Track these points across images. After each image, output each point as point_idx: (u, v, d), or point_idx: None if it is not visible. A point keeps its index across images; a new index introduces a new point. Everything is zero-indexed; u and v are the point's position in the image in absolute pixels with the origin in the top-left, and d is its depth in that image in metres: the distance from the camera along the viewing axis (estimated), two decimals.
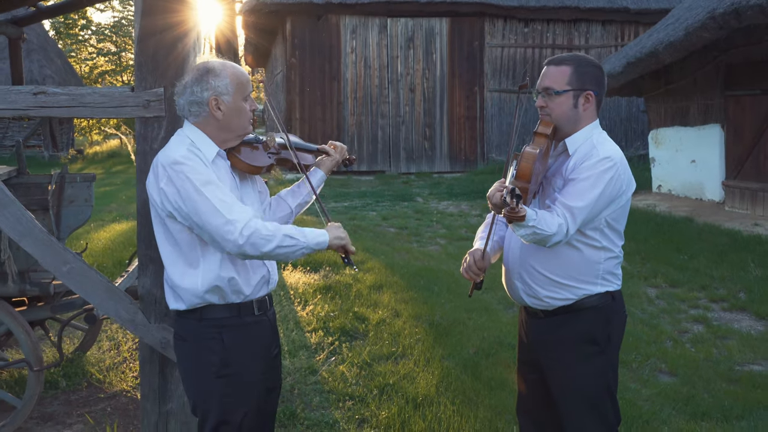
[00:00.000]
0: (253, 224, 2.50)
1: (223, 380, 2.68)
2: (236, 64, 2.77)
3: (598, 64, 2.91)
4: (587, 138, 2.83)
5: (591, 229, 2.79)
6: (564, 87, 2.80)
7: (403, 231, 11.38)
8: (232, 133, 2.73)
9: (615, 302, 2.89)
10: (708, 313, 6.65)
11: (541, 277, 2.85)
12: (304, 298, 6.98)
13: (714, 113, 12.29)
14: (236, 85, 2.68)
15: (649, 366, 5.27)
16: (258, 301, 2.78)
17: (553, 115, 2.83)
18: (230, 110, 2.68)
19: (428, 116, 19.27)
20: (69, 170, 5.37)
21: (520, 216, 2.44)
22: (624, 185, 2.77)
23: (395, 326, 6.08)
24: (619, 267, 2.92)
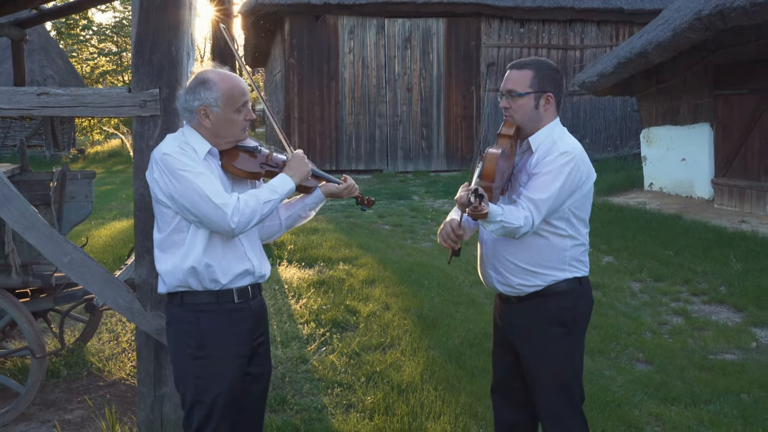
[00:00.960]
0: (239, 207, 2.71)
1: (199, 362, 2.87)
2: (233, 73, 2.93)
3: (557, 67, 3.16)
4: (548, 135, 3.06)
5: (556, 218, 3.02)
6: (526, 89, 3.04)
7: (398, 228, 11.60)
8: (223, 139, 2.91)
9: (582, 287, 3.13)
10: (688, 306, 6.87)
11: (513, 266, 3.08)
12: (298, 292, 7.19)
13: (703, 112, 12.51)
14: (227, 98, 2.84)
15: (627, 355, 5.49)
16: (239, 289, 2.94)
17: (516, 116, 3.07)
18: (219, 121, 2.86)
19: (425, 116, 19.49)
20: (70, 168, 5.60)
21: (483, 213, 2.67)
22: (583, 176, 3.01)
23: (385, 318, 6.30)
24: (585, 254, 3.16)
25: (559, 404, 3.11)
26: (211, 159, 2.89)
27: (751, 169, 11.47)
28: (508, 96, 3.07)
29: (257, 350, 3.06)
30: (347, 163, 19.23)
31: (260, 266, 3.01)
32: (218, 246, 2.86)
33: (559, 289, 3.07)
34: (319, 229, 10.66)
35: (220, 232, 2.77)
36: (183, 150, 2.81)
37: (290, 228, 3.23)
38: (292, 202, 3.19)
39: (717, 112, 12.19)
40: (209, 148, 2.88)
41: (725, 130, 12.06)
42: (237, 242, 2.91)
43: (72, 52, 38.93)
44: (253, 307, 3.00)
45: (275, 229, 3.20)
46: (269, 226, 3.17)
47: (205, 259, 2.83)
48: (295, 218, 3.18)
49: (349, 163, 19.24)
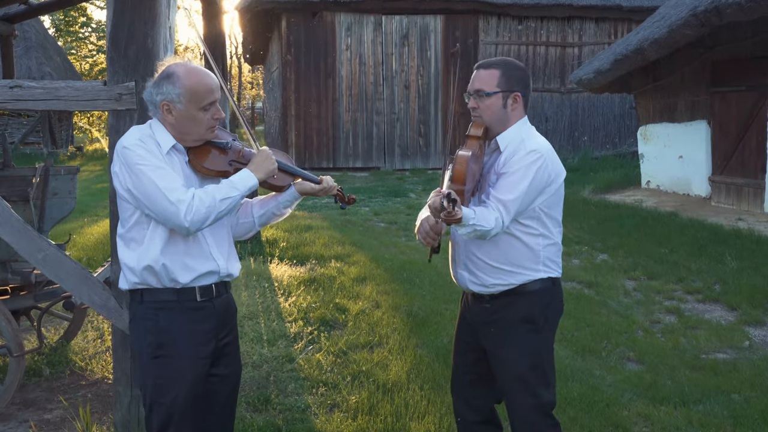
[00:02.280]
0: (194, 205, 2.61)
1: (158, 361, 2.78)
2: (204, 69, 2.81)
3: (524, 67, 3.12)
4: (517, 134, 3.02)
5: (527, 218, 2.97)
6: (494, 89, 2.99)
7: (393, 226, 11.52)
8: (188, 136, 2.80)
9: (555, 288, 3.08)
10: (682, 304, 6.79)
11: (486, 266, 3.02)
12: (288, 290, 7.12)
13: (700, 109, 12.42)
14: (190, 95, 2.72)
15: (617, 354, 5.41)
16: (202, 288, 2.84)
17: (484, 115, 3.02)
18: (182, 117, 2.76)
19: (423, 113, 19.41)
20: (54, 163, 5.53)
21: (457, 218, 2.60)
22: (552, 175, 2.95)
23: (374, 317, 6.22)
24: (559, 255, 3.10)
25: (527, 404, 3.05)
26: (175, 154, 2.80)
27: (749, 167, 11.38)
28: (476, 96, 3.02)
29: (223, 350, 2.96)
30: (344, 160, 19.15)
31: (227, 266, 2.91)
32: (179, 244, 2.76)
33: (532, 288, 3.02)
34: (313, 227, 10.58)
35: (175, 229, 2.68)
36: (144, 143, 2.72)
37: (265, 225, 3.13)
38: (266, 200, 3.09)
39: (714, 109, 12.11)
40: (174, 143, 2.79)
41: (722, 127, 11.97)
42: (201, 240, 2.82)
43: (71, 50, 38.89)
44: (217, 305, 2.90)
45: (248, 227, 3.10)
46: (242, 223, 3.08)
47: (163, 258, 2.74)
48: (269, 216, 3.08)
49: (346, 160, 19.17)
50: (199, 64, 2.85)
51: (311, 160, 19.02)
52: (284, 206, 3.08)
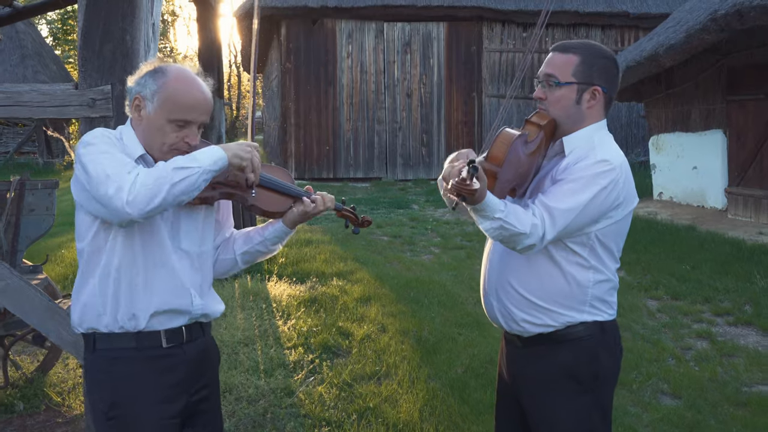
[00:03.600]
0: (138, 180, 2.07)
1: (111, 423, 2.26)
2: (202, 83, 2.33)
3: (613, 56, 2.54)
4: (587, 138, 2.48)
5: (578, 243, 2.43)
6: (568, 78, 2.44)
7: (397, 239, 11.04)
8: (150, 148, 2.31)
9: (605, 335, 2.50)
10: (712, 327, 6.30)
11: (518, 296, 2.50)
12: (287, 311, 6.64)
13: (716, 118, 11.95)
14: (164, 99, 2.25)
15: (651, 387, 4.91)
16: (169, 331, 2.33)
17: (552, 109, 2.48)
18: (148, 121, 2.29)
19: (425, 122, 18.95)
20: (31, 176, 5.06)
21: (471, 190, 2.07)
22: (621, 197, 2.40)
23: (380, 342, 5.74)
24: (613, 294, 2.55)
25: None
26: (144, 166, 2.31)
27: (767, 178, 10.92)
28: (545, 83, 2.48)
29: (198, 407, 2.42)
30: (345, 170, 18.68)
31: (202, 303, 2.39)
32: (139, 274, 2.26)
33: (574, 334, 2.46)
34: (314, 241, 10.10)
35: (114, 219, 2.11)
36: (110, 137, 2.25)
37: (249, 263, 2.61)
38: (251, 234, 2.58)
39: (730, 117, 11.64)
40: (142, 152, 2.30)
41: (739, 136, 11.50)
42: (172, 270, 2.31)
43: (68, 58, 38.45)
44: (188, 353, 2.37)
45: (229, 264, 2.59)
46: (223, 260, 2.58)
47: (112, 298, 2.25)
48: (254, 254, 2.58)
49: (347, 170, 18.69)
50: (202, 79, 2.36)
51: (311, 170, 18.55)
52: (272, 243, 2.56)
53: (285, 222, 2.52)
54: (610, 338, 2.53)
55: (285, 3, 17.93)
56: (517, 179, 2.44)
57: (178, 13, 42.94)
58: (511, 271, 2.52)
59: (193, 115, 2.26)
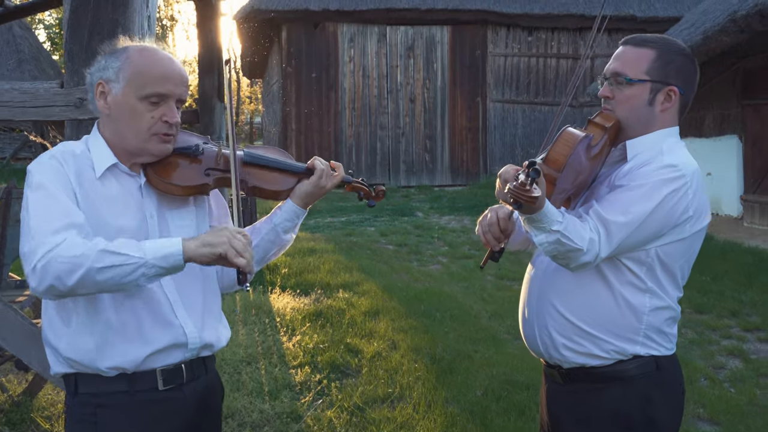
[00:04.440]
0: (57, 250, 1.69)
1: None
2: (169, 55, 2.02)
3: (691, 54, 2.21)
4: (655, 144, 2.14)
5: (633, 260, 2.08)
6: (640, 75, 2.12)
7: (403, 248, 10.69)
8: (126, 142, 1.96)
9: (662, 373, 2.14)
10: (743, 344, 5.94)
11: (561, 318, 2.16)
12: (291, 326, 6.28)
13: (731, 123, 11.62)
14: (131, 74, 1.93)
15: (687, 411, 4.55)
16: (166, 371, 1.96)
17: (619, 110, 2.16)
18: (117, 107, 1.95)
19: (429, 128, 18.60)
20: (18, 184, 4.71)
21: (531, 197, 1.76)
22: (691, 209, 2.05)
23: (392, 361, 5.38)
24: (672, 325, 2.19)
25: None
26: (117, 178, 1.96)
27: None
28: (612, 81, 2.16)
29: None
30: None
31: (200, 334, 2.01)
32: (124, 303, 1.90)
33: (625, 371, 2.12)
34: (317, 250, 9.75)
35: (33, 291, 1.78)
36: (59, 161, 1.90)
37: (263, 263, 2.23)
38: (258, 226, 2.21)
39: (746, 123, 11.31)
40: (113, 161, 1.95)
41: (755, 142, 11.16)
42: (156, 296, 1.94)
43: None
44: (189, 395, 2.01)
45: None
46: None
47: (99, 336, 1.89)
48: (266, 248, 2.20)
49: None
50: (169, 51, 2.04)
51: None
52: (284, 229, 2.19)
53: (295, 200, 2.17)
54: (669, 376, 2.17)
55: (286, 6, 17.60)
56: (575, 188, 2.13)
57: (177, 18, 42.60)
58: (556, 289, 2.19)
59: (167, 86, 1.94)
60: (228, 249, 1.74)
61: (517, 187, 1.74)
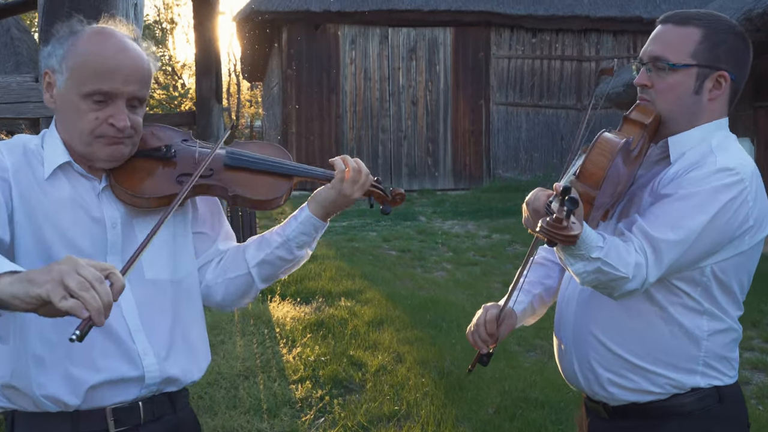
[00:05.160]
0: None
1: None
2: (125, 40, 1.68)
3: (743, 32, 1.90)
4: (702, 139, 1.84)
5: (686, 280, 1.79)
6: (685, 59, 1.82)
7: (406, 254, 10.40)
8: (75, 143, 1.66)
9: (724, 406, 1.85)
10: (767, 357, 5.65)
11: (604, 351, 1.88)
12: (291, 337, 5.99)
13: (743, 126, 11.32)
14: (73, 66, 1.62)
15: None
16: (118, 410, 1.64)
17: (660, 101, 1.85)
18: (62, 101, 1.66)
19: (431, 131, 18.32)
20: None
21: (569, 236, 1.47)
22: (751, 218, 1.75)
23: (398, 375, 5.09)
24: (734, 348, 1.91)
25: None
26: (70, 180, 1.67)
27: None
28: (651, 66, 1.86)
29: None
30: None
31: (161, 366, 1.68)
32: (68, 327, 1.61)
33: (682, 406, 1.83)
34: (318, 256, 9.45)
35: None
36: (2, 150, 1.62)
37: (270, 280, 1.90)
38: (268, 237, 1.88)
39: (759, 125, 11.02)
40: (65, 159, 1.66)
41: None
42: (115, 318, 1.61)
43: None
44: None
45: (242, 285, 1.87)
46: (232, 279, 1.86)
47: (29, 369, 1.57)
48: (275, 264, 1.86)
49: None
50: (139, 44, 1.73)
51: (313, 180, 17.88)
52: (298, 244, 1.83)
53: (313, 208, 1.83)
54: (732, 410, 1.89)
55: (286, 7, 17.34)
56: (614, 199, 1.82)
57: (177, 21, 42.32)
58: (596, 318, 1.89)
59: (112, 83, 1.61)
60: (52, 289, 1.20)
61: (552, 224, 1.45)
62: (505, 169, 18.36)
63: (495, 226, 12.71)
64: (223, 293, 1.89)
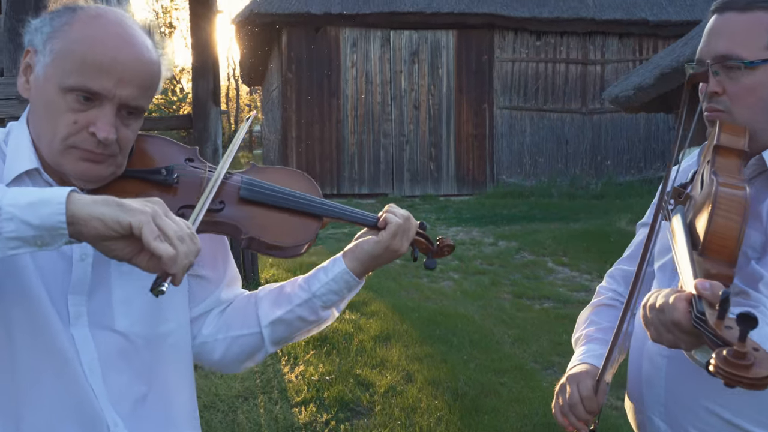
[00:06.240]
0: None
1: None
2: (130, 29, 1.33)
3: None
4: None
5: None
6: (762, 53, 1.46)
7: (410, 262, 10.02)
8: (42, 146, 1.31)
9: None
10: None
11: (716, 420, 1.50)
12: (293, 353, 5.64)
13: None
14: (61, 49, 1.27)
15: None
16: None
17: (738, 109, 1.49)
18: (37, 90, 1.31)
19: (434, 135, 17.98)
20: None
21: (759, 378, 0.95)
22: None
23: (408, 397, 4.74)
24: None
25: None
26: None
27: None
28: (719, 68, 1.49)
29: None
30: (349, 186, 17.69)
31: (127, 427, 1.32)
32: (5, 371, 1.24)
33: None
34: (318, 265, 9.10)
35: None
36: None
37: (282, 344, 1.56)
38: (288, 291, 1.54)
39: None
40: (34, 166, 1.30)
41: None
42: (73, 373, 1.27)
43: None
44: None
45: (250, 345, 1.54)
46: (238, 338, 1.53)
47: None
48: (293, 325, 1.53)
49: (351, 186, 17.71)
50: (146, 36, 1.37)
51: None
52: (325, 303, 1.51)
53: (349, 262, 1.50)
54: None
55: (286, 9, 17.01)
56: None
57: (176, 25, 42.05)
58: (709, 389, 1.49)
59: (102, 80, 1.26)
60: (147, 223, 1.06)
61: (731, 362, 0.96)
62: (509, 174, 18.01)
63: (500, 232, 12.37)
64: (223, 353, 1.55)
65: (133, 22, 1.36)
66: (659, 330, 1.19)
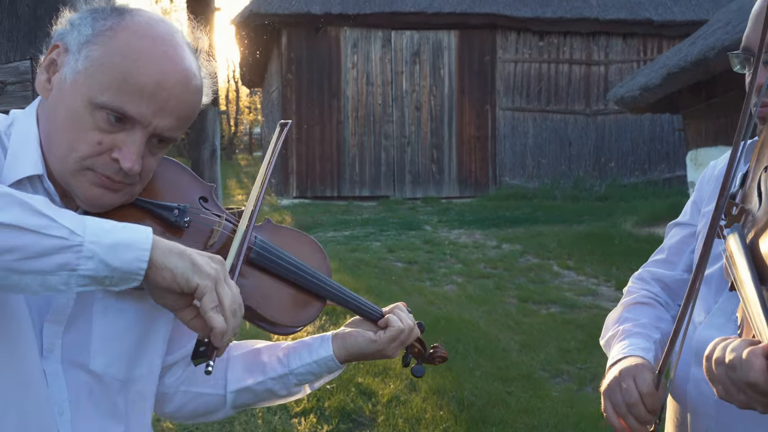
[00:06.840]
0: None
1: None
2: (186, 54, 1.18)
3: None
4: None
5: None
6: None
7: (413, 266, 9.86)
8: (52, 157, 1.13)
9: None
10: None
11: None
12: None
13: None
14: (99, 58, 1.11)
15: None
16: None
17: None
18: (60, 95, 1.13)
19: (435, 137, 17.81)
20: None
21: None
22: None
23: (412, 407, 4.56)
24: None
25: None
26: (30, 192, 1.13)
27: None
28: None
29: None
30: (350, 188, 17.53)
31: None
32: None
33: None
34: None
35: None
36: None
37: (244, 408, 1.49)
38: (264, 359, 1.44)
39: None
40: (39, 172, 1.13)
41: None
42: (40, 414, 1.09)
43: None
44: None
45: (210, 404, 1.43)
46: (200, 395, 1.41)
47: None
48: (260, 396, 1.44)
49: (352, 188, 17.54)
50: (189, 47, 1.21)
51: (314, 188, 17.41)
52: (301, 380, 1.42)
53: (338, 350, 1.41)
54: None
55: (286, 10, 16.86)
56: None
57: None
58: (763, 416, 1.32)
59: (141, 106, 1.10)
60: (210, 291, 1.01)
61: None
62: (511, 176, 17.83)
63: (504, 235, 12.19)
64: (179, 406, 1.44)
65: (183, 40, 1.20)
66: (729, 390, 1.01)
